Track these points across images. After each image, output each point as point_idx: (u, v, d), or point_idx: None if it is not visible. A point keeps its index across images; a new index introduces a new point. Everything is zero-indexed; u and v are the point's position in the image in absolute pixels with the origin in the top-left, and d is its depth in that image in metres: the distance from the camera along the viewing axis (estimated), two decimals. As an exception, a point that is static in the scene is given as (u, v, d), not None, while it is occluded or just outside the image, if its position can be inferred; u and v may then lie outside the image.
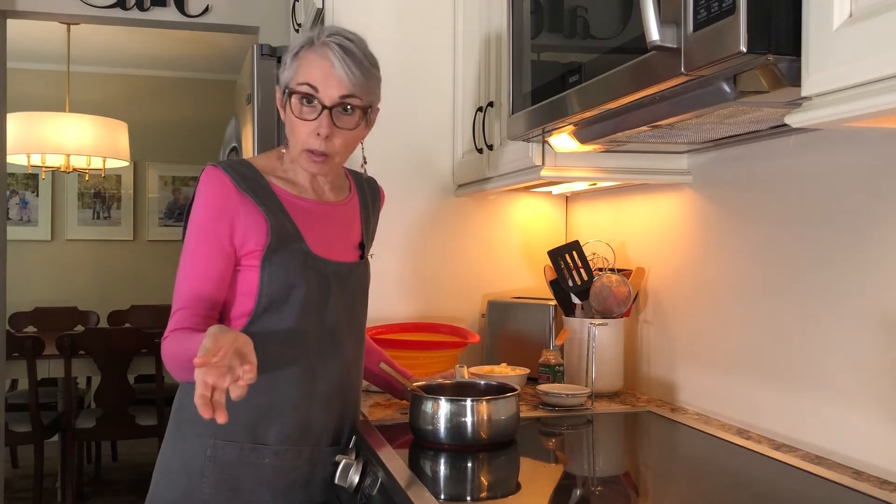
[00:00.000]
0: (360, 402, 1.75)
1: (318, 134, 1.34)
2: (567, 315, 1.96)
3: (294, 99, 1.35)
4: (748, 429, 1.54)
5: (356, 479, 1.34)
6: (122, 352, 3.84)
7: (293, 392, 1.37)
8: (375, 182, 1.63)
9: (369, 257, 1.55)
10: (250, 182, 1.37)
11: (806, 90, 0.88)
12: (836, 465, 1.28)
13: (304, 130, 1.35)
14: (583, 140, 1.48)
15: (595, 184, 1.93)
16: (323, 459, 1.42)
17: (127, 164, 4.66)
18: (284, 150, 1.44)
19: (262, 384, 1.33)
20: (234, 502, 1.36)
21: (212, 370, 1.04)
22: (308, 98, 1.34)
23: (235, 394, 1.05)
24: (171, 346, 1.31)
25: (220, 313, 1.38)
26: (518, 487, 1.21)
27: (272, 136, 2.26)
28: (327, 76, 1.33)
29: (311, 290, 1.38)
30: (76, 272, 5.60)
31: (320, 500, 1.43)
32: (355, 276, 1.47)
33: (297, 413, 1.38)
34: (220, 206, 1.34)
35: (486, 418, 1.37)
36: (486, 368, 1.95)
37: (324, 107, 1.34)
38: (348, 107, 1.35)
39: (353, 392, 1.49)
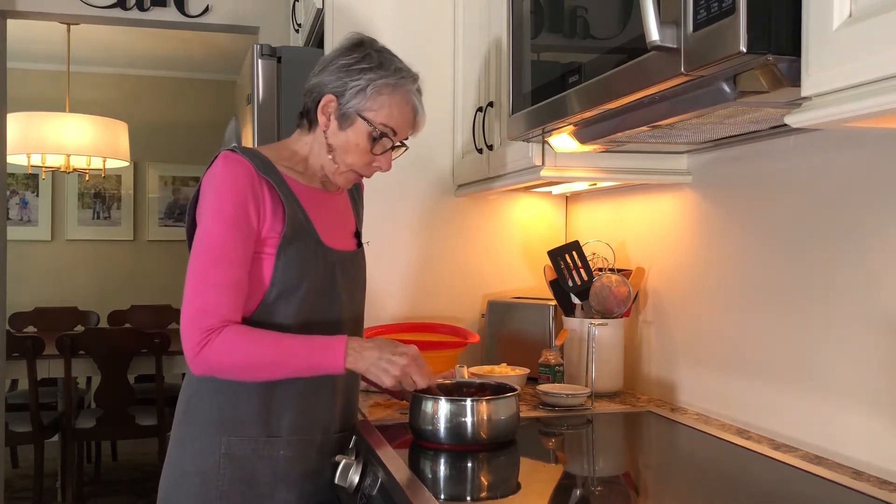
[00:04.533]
0: (360, 402, 1.76)
1: (377, 166, 1.44)
2: (567, 315, 1.96)
3: (367, 129, 1.39)
4: (748, 429, 1.54)
5: (356, 479, 1.35)
6: (122, 352, 3.84)
7: (299, 380, 1.38)
8: None
9: (365, 245, 1.58)
10: (266, 167, 1.37)
11: (806, 90, 0.88)
12: (836, 465, 1.28)
13: (364, 159, 1.42)
14: (583, 140, 1.48)
15: (595, 184, 1.93)
16: (332, 447, 1.44)
17: (127, 164, 4.66)
18: (331, 156, 1.43)
19: None
20: (249, 496, 1.37)
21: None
22: (383, 136, 1.41)
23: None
24: (246, 344, 1.29)
25: None
26: (518, 487, 1.21)
27: (272, 135, 2.26)
28: (408, 124, 1.44)
29: (320, 279, 1.40)
30: (76, 272, 5.59)
31: (329, 489, 1.44)
32: (355, 264, 1.51)
33: (305, 401, 1.39)
34: (244, 187, 1.32)
35: (486, 418, 1.37)
36: (486, 368, 1.95)
37: (393, 146, 1.43)
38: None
39: (354, 378, 1.51)
